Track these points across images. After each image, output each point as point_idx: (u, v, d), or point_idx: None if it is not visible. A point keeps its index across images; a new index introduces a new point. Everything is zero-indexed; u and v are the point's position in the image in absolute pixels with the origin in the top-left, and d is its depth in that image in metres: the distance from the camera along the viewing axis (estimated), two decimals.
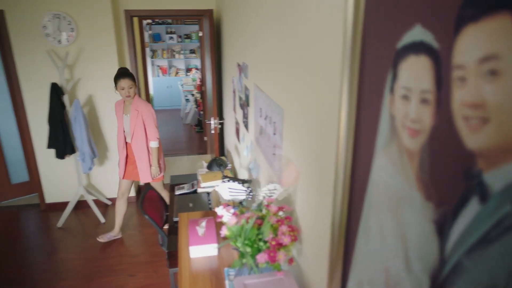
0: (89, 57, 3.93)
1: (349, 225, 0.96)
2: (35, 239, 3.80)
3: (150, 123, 3.27)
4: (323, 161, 1.14)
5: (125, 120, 3.30)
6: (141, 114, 3.23)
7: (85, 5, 3.78)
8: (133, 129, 3.25)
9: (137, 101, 3.26)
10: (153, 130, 3.29)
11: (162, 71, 9.16)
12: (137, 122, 3.23)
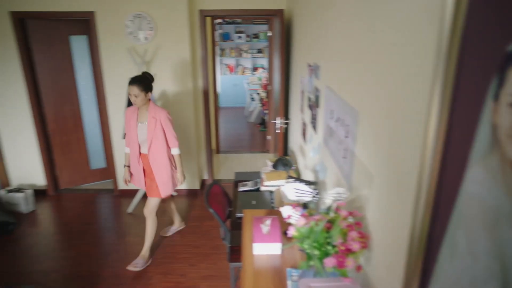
0: (165, 54, 4.15)
1: (430, 238, 0.91)
2: (107, 221, 4.11)
3: (170, 129, 3.10)
4: (403, 168, 1.08)
5: (140, 128, 3.06)
6: (159, 121, 3.03)
7: (164, 5, 4.00)
8: (150, 138, 3.03)
9: (153, 108, 3.04)
10: (173, 136, 3.14)
11: (229, 70, 9.40)
12: (156, 130, 3.02)
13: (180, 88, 4.26)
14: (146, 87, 2.94)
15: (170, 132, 3.11)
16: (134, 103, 2.95)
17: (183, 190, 4.68)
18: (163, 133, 3.08)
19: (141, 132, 3.06)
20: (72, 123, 4.62)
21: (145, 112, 3.04)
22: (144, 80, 2.94)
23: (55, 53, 4.35)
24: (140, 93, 2.90)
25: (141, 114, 3.06)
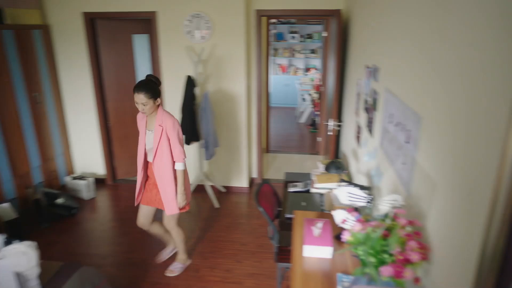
0: (220, 54, 4.24)
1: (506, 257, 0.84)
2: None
3: (175, 140, 2.75)
4: (475, 178, 1.01)
5: (148, 136, 2.80)
6: (165, 130, 2.72)
7: (222, 5, 4.08)
8: (155, 147, 2.76)
9: (161, 115, 2.73)
10: (178, 149, 2.76)
11: (282, 69, 9.40)
12: (162, 139, 2.73)
13: (233, 86, 4.34)
14: (154, 93, 2.63)
15: (174, 143, 2.75)
16: (143, 112, 2.68)
17: (232, 187, 4.76)
18: (169, 143, 2.76)
19: (149, 140, 2.80)
20: (130, 117, 4.87)
21: (154, 119, 2.77)
22: (151, 86, 2.64)
23: (119, 51, 4.61)
24: (148, 101, 2.60)
25: (150, 121, 2.80)
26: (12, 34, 3.73)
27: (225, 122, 4.49)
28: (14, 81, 3.78)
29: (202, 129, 4.13)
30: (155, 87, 2.66)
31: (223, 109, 4.44)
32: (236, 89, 4.34)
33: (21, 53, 3.86)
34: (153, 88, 2.64)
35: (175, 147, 2.76)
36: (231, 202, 4.49)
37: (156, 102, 2.68)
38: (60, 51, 4.49)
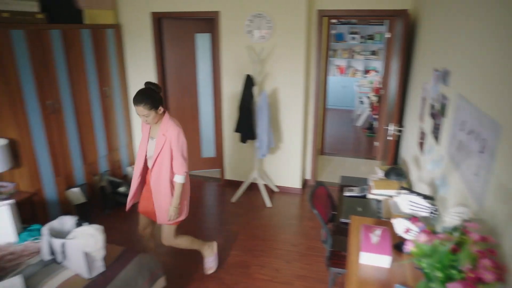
0: (280, 53, 4.25)
1: None
2: (212, 207, 4.40)
3: (178, 152, 2.60)
4: None
5: (150, 144, 2.69)
6: (169, 140, 2.58)
7: (284, 5, 4.08)
8: (155, 156, 2.63)
9: (166, 124, 2.59)
10: (179, 162, 2.61)
11: (340, 71, 9.21)
12: (163, 149, 2.59)
13: (291, 87, 4.33)
14: (154, 103, 2.48)
15: (176, 155, 2.60)
16: (147, 123, 2.60)
17: (284, 188, 4.75)
18: (171, 154, 2.61)
19: (151, 148, 2.68)
20: (189, 113, 5.05)
21: (158, 127, 2.64)
22: (149, 95, 2.47)
23: (182, 49, 4.80)
24: (150, 112, 2.48)
25: (153, 128, 2.68)
26: (89, 32, 4.03)
27: (281, 122, 4.49)
28: (88, 76, 4.08)
29: (258, 128, 4.16)
30: (154, 96, 2.49)
31: (279, 109, 4.45)
32: (294, 90, 4.32)
33: (95, 50, 4.15)
34: (152, 97, 2.47)
35: (176, 159, 2.60)
36: (283, 202, 4.49)
37: (158, 111, 2.53)
38: (129, 48, 4.77)
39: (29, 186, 3.51)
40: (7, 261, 2.31)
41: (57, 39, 3.63)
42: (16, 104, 3.28)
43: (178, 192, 2.66)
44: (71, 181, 3.99)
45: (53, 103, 3.64)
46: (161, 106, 2.55)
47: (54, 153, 3.73)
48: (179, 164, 2.62)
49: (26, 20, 3.33)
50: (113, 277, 2.27)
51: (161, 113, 2.57)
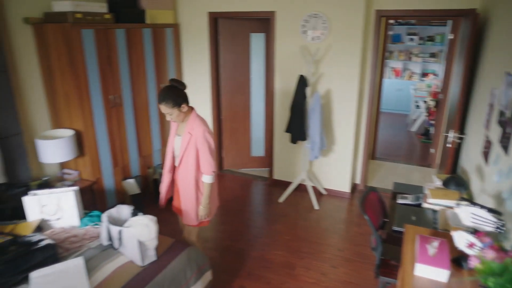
0: (335, 54, 4.17)
1: None
2: (260, 206, 4.42)
3: (205, 151, 2.51)
4: None
5: (177, 141, 2.63)
6: (194, 139, 2.51)
7: (342, 5, 4.00)
8: (181, 155, 2.58)
9: (192, 122, 2.53)
10: (207, 161, 2.53)
11: (395, 73, 8.86)
12: (188, 147, 2.53)
13: (345, 88, 4.23)
14: (176, 101, 2.42)
15: (203, 155, 2.53)
16: (173, 121, 2.56)
17: (332, 191, 4.66)
18: (196, 153, 2.54)
19: (177, 146, 2.64)
20: (241, 112, 5.12)
21: (185, 124, 2.58)
22: (171, 94, 2.42)
23: (236, 48, 4.87)
24: (172, 110, 2.44)
25: (181, 126, 2.63)
26: (150, 32, 4.22)
27: (333, 124, 4.41)
28: (147, 73, 4.28)
29: (310, 129, 4.12)
30: (176, 94, 2.43)
31: (332, 111, 4.37)
32: (348, 92, 4.23)
33: (155, 48, 4.34)
34: (174, 95, 2.42)
35: (203, 158, 2.53)
36: (331, 205, 4.41)
37: (182, 109, 2.46)
38: (185, 47, 4.93)
39: (91, 174, 3.75)
40: (71, 243, 2.49)
41: (121, 37, 3.84)
42: (83, 98, 3.52)
43: (207, 192, 2.61)
44: (127, 172, 4.21)
45: (114, 98, 3.86)
46: (185, 104, 2.47)
47: (114, 145, 3.96)
48: (206, 163, 2.54)
49: (95, 20, 3.56)
50: (164, 267, 2.36)
51: (185, 111, 2.49)
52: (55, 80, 3.53)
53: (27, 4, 3.37)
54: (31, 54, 3.48)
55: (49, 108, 3.69)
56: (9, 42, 3.24)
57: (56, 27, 3.34)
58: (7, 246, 2.18)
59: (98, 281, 2.16)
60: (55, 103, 3.64)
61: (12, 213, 2.77)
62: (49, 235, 2.57)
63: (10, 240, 2.25)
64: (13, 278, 2.07)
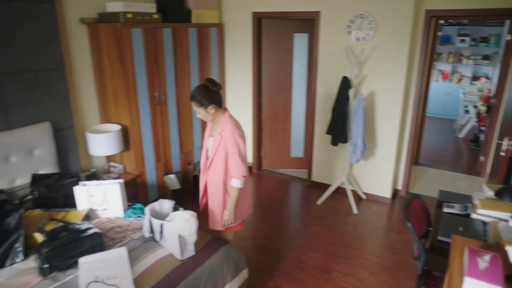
0: (380, 55, 4.06)
1: None
2: (297, 207, 4.39)
3: (233, 153, 2.44)
4: None
5: (209, 142, 2.60)
6: (224, 140, 2.45)
7: (389, 5, 3.88)
8: (212, 156, 2.54)
9: (224, 123, 2.47)
10: (236, 164, 2.45)
11: (442, 76, 8.48)
12: (218, 149, 2.48)
13: (390, 91, 4.11)
14: (202, 101, 2.39)
15: (232, 157, 2.45)
16: (204, 120, 2.54)
17: (372, 195, 4.54)
18: (226, 155, 2.48)
19: (210, 147, 2.60)
20: (282, 112, 5.11)
21: (217, 125, 2.55)
22: (200, 93, 2.40)
23: (279, 49, 4.87)
24: (199, 109, 2.43)
25: (214, 126, 2.59)
26: (195, 31, 4.32)
27: (375, 127, 4.30)
28: (191, 71, 4.38)
29: (352, 131, 4.04)
30: (204, 94, 2.39)
31: (375, 114, 4.26)
32: (393, 94, 4.10)
33: (199, 47, 4.43)
34: (202, 95, 2.39)
35: (232, 161, 2.45)
36: (370, 210, 4.30)
37: (208, 110, 2.42)
38: (229, 46, 5.00)
39: (134, 168, 3.90)
40: (115, 233, 2.60)
41: (168, 37, 3.95)
42: (130, 94, 3.67)
43: (234, 197, 2.52)
44: (168, 168, 4.33)
45: (159, 95, 3.99)
46: (213, 106, 2.41)
47: (157, 141, 4.09)
48: (235, 166, 2.45)
49: (144, 20, 3.70)
50: (202, 262, 2.40)
51: (212, 112, 2.44)
52: (105, 77, 3.70)
53: (84, 5, 3.56)
54: (85, 52, 3.67)
55: (99, 103, 3.87)
56: (66, 41, 3.43)
57: (108, 26, 3.50)
58: (59, 232, 2.31)
59: (139, 271, 2.23)
60: (104, 99, 3.81)
61: (64, 201, 2.94)
62: (96, 224, 2.70)
63: (62, 226, 2.38)
64: (64, 262, 2.20)
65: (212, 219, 2.69)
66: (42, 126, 3.24)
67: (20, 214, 2.41)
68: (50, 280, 2.14)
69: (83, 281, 2.06)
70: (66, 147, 3.55)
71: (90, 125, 3.84)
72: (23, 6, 3.04)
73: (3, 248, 2.27)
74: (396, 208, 4.36)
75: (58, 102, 3.41)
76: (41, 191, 2.92)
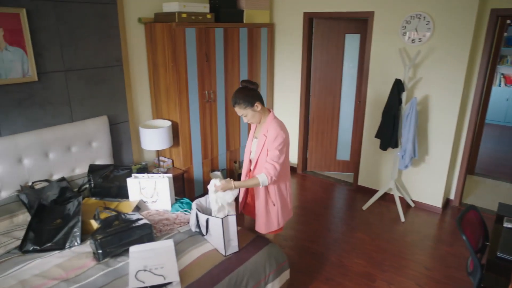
0: (437, 58, 3.86)
1: None
2: (342, 211, 4.30)
3: (271, 153, 2.40)
4: None
5: (254, 144, 2.57)
6: (268, 141, 2.44)
7: (449, 4, 3.68)
8: (256, 158, 2.51)
9: (269, 124, 2.44)
10: (271, 163, 2.38)
11: (506, 80, 7.90)
12: (263, 150, 2.46)
13: (446, 96, 3.89)
14: (246, 101, 2.37)
15: (270, 155, 2.40)
16: (251, 123, 2.53)
17: (422, 204, 4.34)
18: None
19: (253, 149, 2.57)
20: (330, 114, 5.03)
21: (261, 127, 2.52)
22: (242, 94, 2.39)
23: (329, 49, 4.79)
24: (246, 111, 2.40)
25: (258, 128, 2.57)
26: (246, 31, 4.37)
27: (428, 132, 4.10)
28: (241, 70, 4.44)
29: (402, 136, 3.89)
30: (247, 93, 2.39)
31: (429, 119, 4.06)
32: (449, 99, 3.88)
33: (249, 47, 4.48)
34: (245, 95, 2.38)
35: (270, 159, 2.39)
36: (419, 219, 4.11)
37: (255, 108, 2.40)
38: (278, 46, 5.00)
39: (182, 164, 4.02)
40: (163, 225, 2.70)
41: (220, 36, 4.03)
42: (181, 91, 3.78)
43: (248, 184, 2.47)
44: (215, 165, 4.42)
45: (209, 93, 4.08)
46: (258, 103, 2.40)
47: (205, 137, 4.18)
48: (269, 166, 2.39)
49: (198, 19, 3.80)
50: (245, 260, 2.42)
51: (259, 110, 2.42)
52: (159, 74, 3.85)
53: (142, 6, 3.73)
54: (141, 50, 3.84)
55: (152, 99, 4.04)
56: (125, 40, 3.61)
57: (163, 26, 3.64)
58: (112, 220, 2.44)
59: (184, 264, 2.30)
60: (157, 95, 3.97)
61: (117, 192, 3.10)
62: (145, 216, 2.82)
63: (115, 215, 2.51)
64: (116, 249, 2.32)
65: (257, 221, 2.64)
66: (100, 119, 3.44)
67: (79, 201, 2.58)
68: (103, 265, 2.27)
69: (132, 268, 2.16)
70: (121, 140, 3.74)
71: (143, 120, 4.02)
72: (89, 7, 3.24)
73: (63, 231, 2.44)
74: (447, 218, 4.13)
75: (115, 97, 3.60)
76: (97, 181, 3.10)
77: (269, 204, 2.56)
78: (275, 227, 2.62)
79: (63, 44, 3.13)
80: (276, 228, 2.63)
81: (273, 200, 2.55)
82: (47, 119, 3.14)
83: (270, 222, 2.60)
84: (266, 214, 2.58)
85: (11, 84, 2.87)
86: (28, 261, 2.29)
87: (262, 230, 2.64)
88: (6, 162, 2.83)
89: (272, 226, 2.62)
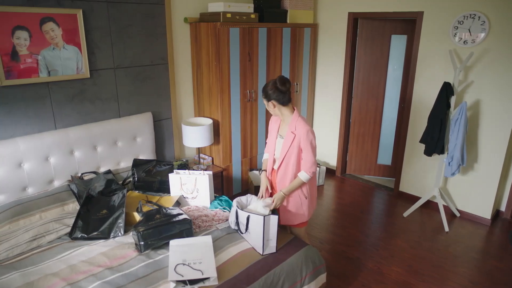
0: (491, 60, 3.65)
1: None
2: (381, 216, 4.18)
3: (308, 151, 2.47)
4: None
5: (278, 143, 2.63)
6: (298, 138, 2.48)
7: (509, 4, 3.46)
8: (283, 156, 2.55)
9: (295, 121, 2.50)
10: (310, 161, 2.48)
11: None
12: (291, 147, 2.50)
13: (500, 100, 3.67)
14: (266, 94, 2.50)
15: (307, 154, 2.49)
16: (275, 115, 2.65)
17: (468, 214, 4.12)
18: (298, 154, 2.53)
19: (278, 147, 2.63)
20: (372, 117, 4.90)
21: (286, 125, 2.58)
22: (266, 87, 2.50)
23: (374, 50, 4.67)
24: (267, 104, 2.54)
25: (282, 126, 2.63)
26: (289, 31, 4.35)
27: (478, 139, 3.89)
28: (282, 70, 4.43)
29: (450, 142, 3.71)
30: (269, 89, 2.47)
31: (480, 125, 3.85)
32: (504, 104, 3.66)
33: (292, 47, 4.46)
34: (268, 89, 2.48)
35: (307, 157, 2.50)
36: (464, 229, 3.91)
37: (271, 104, 2.51)
38: (321, 47, 4.94)
39: (222, 162, 4.08)
40: (202, 221, 2.76)
41: (263, 36, 4.05)
42: (224, 90, 3.84)
43: (294, 185, 2.56)
44: (253, 164, 4.44)
45: (250, 92, 4.11)
46: (275, 101, 2.48)
47: (245, 136, 4.22)
48: (309, 163, 2.50)
49: (242, 19, 3.83)
50: (282, 260, 2.42)
51: (271, 109, 2.54)
52: (202, 73, 3.93)
53: (189, 6, 3.83)
54: (186, 49, 3.94)
55: (194, 97, 4.13)
56: (171, 39, 3.72)
57: (208, 25, 3.71)
58: (154, 214, 2.52)
59: (222, 261, 2.33)
60: (199, 93, 4.05)
61: (159, 186, 3.20)
62: (185, 211, 2.88)
63: (156, 209, 2.59)
64: (157, 242, 2.39)
65: (282, 215, 2.71)
66: (145, 115, 3.57)
67: (123, 194, 2.69)
68: (144, 256, 2.35)
69: (172, 261, 2.22)
70: (163, 136, 3.86)
71: (185, 118, 4.12)
72: (138, 7, 3.37)
73: (109, 222, 2.56)
74: (497, 231, 3.90)
75: (160, 94, 3.72)
76: (140, 175, 3.21)
77: (301, 197, 2.65)
78: (305, 218, 2.72)
79: (113, 43, 3.28)
80: (306, 219, 2.74)
81: (305, 193, 2.64)
82: (96, 114, 3.30)
83: (300, 214, 2.69)
84: (299, 207, 2.67)
85: (66, 81, 3.04)
86: (76, 247, 2.43)
87: (292, 222, 2.72)
88: (60, 153, 3.01)
89: (302, 217, 2.71)
